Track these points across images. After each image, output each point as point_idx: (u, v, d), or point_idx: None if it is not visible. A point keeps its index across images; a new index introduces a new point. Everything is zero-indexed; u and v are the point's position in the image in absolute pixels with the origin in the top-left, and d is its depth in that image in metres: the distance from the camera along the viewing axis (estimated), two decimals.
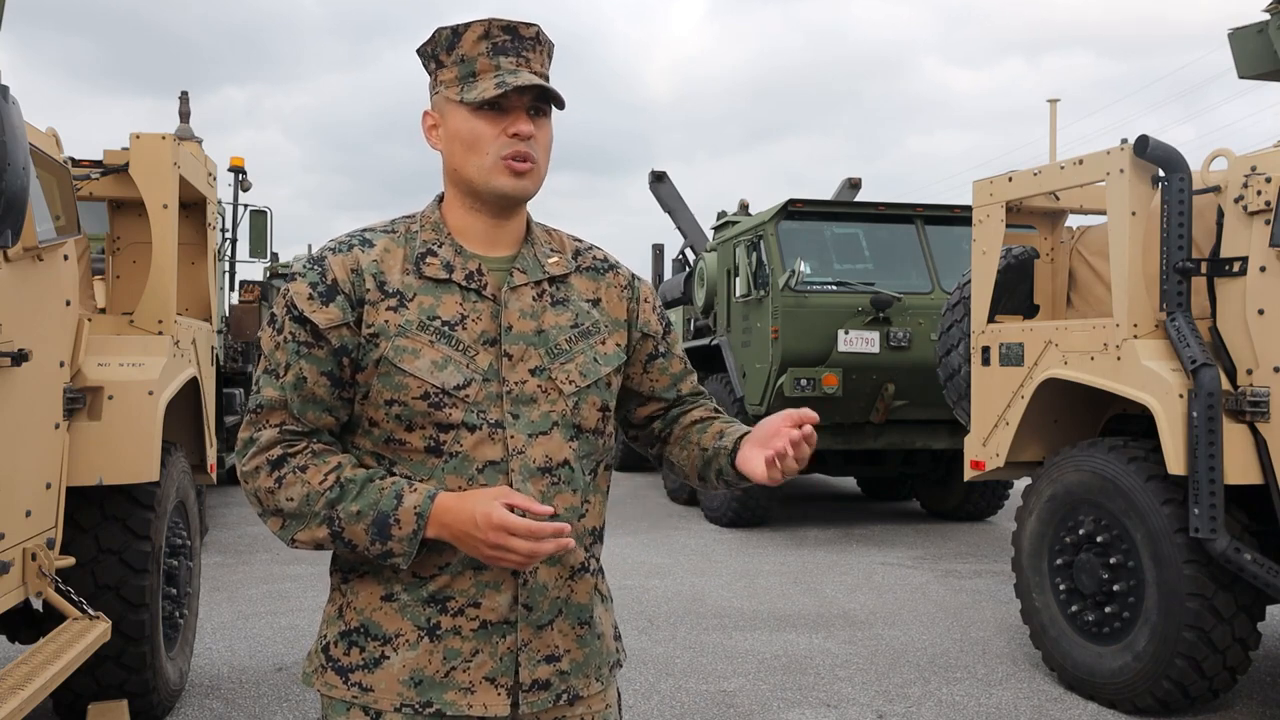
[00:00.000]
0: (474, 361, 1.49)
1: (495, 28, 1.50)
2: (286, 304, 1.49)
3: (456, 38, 1.51)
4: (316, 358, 1.48)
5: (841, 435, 8.37)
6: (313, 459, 1.47)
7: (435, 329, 1.49)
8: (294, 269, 1.57)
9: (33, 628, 3.62)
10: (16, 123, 2.50)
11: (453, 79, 1.51)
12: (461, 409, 1.48)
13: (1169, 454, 4.04)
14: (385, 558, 1.45)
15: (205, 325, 4.83)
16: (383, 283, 1.50)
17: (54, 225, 3.44)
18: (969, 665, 4.93)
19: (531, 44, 1.52)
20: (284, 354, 1.48)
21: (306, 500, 1.44)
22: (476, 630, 1.50)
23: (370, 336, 1.48)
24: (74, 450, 3.55)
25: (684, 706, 4.34)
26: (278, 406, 1.48)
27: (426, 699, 1.49)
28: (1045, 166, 5.07)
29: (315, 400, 1.49)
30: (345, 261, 1.50)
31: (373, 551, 1.45)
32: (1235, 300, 4.09)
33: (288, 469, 1.46)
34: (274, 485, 1.46)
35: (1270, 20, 5.14)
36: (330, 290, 1.48)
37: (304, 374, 1.47)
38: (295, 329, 1.48)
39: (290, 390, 1.48)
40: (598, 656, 1.61)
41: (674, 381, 1.73)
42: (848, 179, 11.66)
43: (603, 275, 1.66)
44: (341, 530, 1.44)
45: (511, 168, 1.50)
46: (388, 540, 1.43)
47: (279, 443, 1.47)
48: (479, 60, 1.49)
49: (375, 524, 1.43)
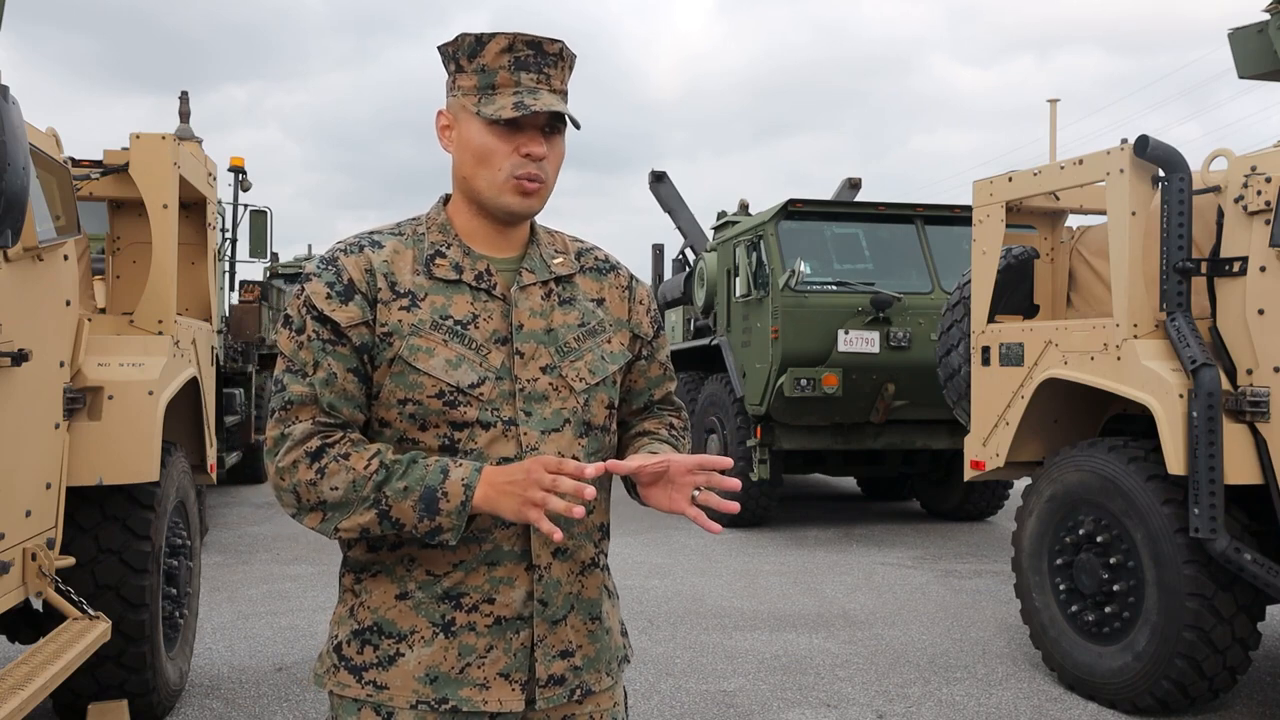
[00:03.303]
0: (487, 360, 1.50)
1: (520, 42, 1.49)
2: (304, 304, 1.49)
3: (480, 46, 1.50)
4: (342, 355, 1.48)
5: (841, 435, 8.38)
6: (353, 447, 1.46)
7: (448, 328, 1.50)
8: (307, 270, 1.57)
9: (33, 628, 3.62)
10: (16, 123, 2.51)
11: (471, 87, 1.51)
12: (476, 407, 1.49)
13: (1169, 454, 4.04)
14: (434, 534, 1.43)
15: (205, 325, 4.83)
16: (394, 283, 1.51)
17: (54, 225, 3.44)
18: (969, 665, 4.94)
19: (554, 60, 1.52)
20: (309, 353, 1.48)
21: (353, 486, 1.43)
22: (491, 626, 1.51)
23: (384, 336, 1.49)
24: (74, 450, 3.55)
25: (684, 706, 4.34)
26: (308, 402, 1.47)
27: (442, 695, 1.49)
28: (1045, 166, 5.07)
29: (348, 396, 1.49)
30: (359, 262, 1.51)
31: (421, 529, 1.43)
32: (1235, 300, 4.09)
33: (329, 458, 1.44)
34: (316, 477, 1.44)
35: (1270, 20, 5.14)
36: (348, 289, 1.49)
37: (334, 370, 1.47)
38: (318, 328, 1.48)
39: (321, 386, 1.47)
40: (608, 652, 1.62)
41: (649, 385, 1.73)
42: (848, 179, 11.67)
43: (605, 275, 1.67)
44: (389, 509, 1.43)
45: (521, 187, 1.50)
46: (435, 515, 1.42)
47: (315, 434, 1.46)
48: (499, 73, 1.49)
49: (423, 499, 1.42)
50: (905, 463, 9.28)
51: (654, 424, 1.72)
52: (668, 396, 1.77)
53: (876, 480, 10.87)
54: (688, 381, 10.10)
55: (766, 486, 8.56)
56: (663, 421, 1.73)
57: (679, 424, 1.75)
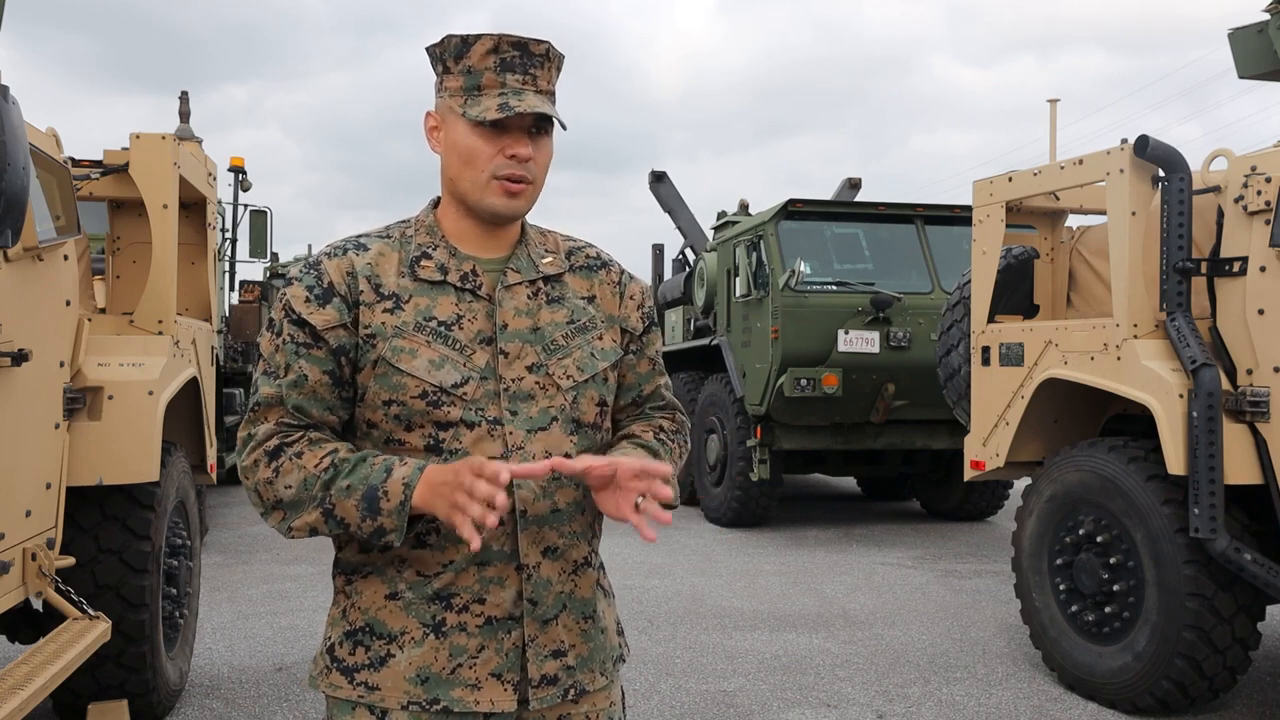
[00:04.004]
0: (471, 360, 1.51)
1: (505, 43, 1.50)
2: (284, 308, 1.51)
3: (466, 47, 1.51)
4: (316, 358, 1.49)
5: (841, 435, 8.38)
6: (309, 446, 1.47)
7: (431, 329, 1.51)
8: (289, 274, 1.58)
9: (33, 628, 3.62)
10: (16, 123, 2.51)
11: (457, 88, 1.51)
12: (460, 407, 1.49)
13: (1169, 454, 4.04)
14: (378, 535, 1.43)
15: (205, 325, 4.83)
16: (378, 285, 1.52)
17: (54, 225, 3.44)
18: (969, 665, 4.94)
19: (541, 61, 1.52)
20: (283, 355, 1.50)
21: (304, 485, 1.45)
22: (482, 626, 1.51)
23: (367, 338, 1.50)
24: (74, 450, 3.55)
25: (684, 706, 4.34)
26: (274, 403, 1.50)
27: (433, 696, 1.50)
28: (1045, 166, 5.07)
29: (318, 398, 1.50)
30: (340, 265, 1.52)
31: (365, 530, 1.43)
32: (1235, 300, 4.09)
33: (284, 457, 1.46)
34: (272, 475, 1.46)
35: (1270, 20, 5.14)
36: (326, 293, 1.50)
37: (305, 373, 1.49)
38: (294, 331, 1.50)
39: (289, 388, 1.49)
40: (602, 651, 1.62)
41: (638, 380, 1.70)
42: (848, 179, 11.67)
43: (596, 273, 1.67)
44: (333, 508, 1.44)
45: (506, 189, 1.51)
46: (378, 515, 1.42)
47: (276, 434, 1.49)
48: (485, 75, 1.50)
49: (365, 498, 1.42)
50: (905, 463, 9.28)
51: (641, 426, 1.70)
52: (658, 393, 1.74)
53: (876, 480, 10.87)
54: (688, 381, 10.10)
55: (766, 486, 8.56)
56: (651, 424, 1.71)
57: (669, 426, 1.73)
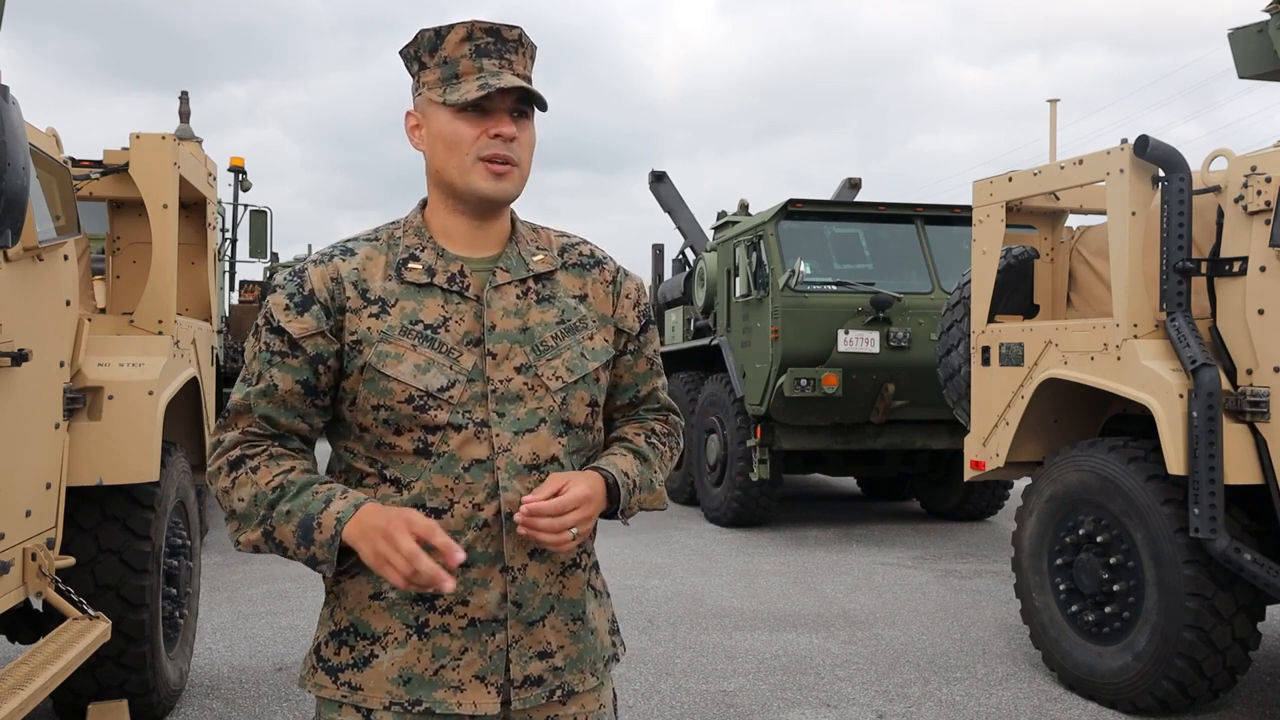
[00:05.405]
0: (457, 363, 1.50)
1: (478, 30, 1.51)
2: (265, 315, 1.52)
3: (439, 39, 1.51)
4: (291, 366, 1.49)
5: (841, 435, 8.38)
6: (267, 461, 1.48)
7: (417, 333, 1.50)
8: (275, 281, 1.60)
9: (33, 628, 3.62)
10: (16, 123, 2.51)
11: (435, 80, 1.52)
12: (446, 410, 1.49)
13: (1169, 454, 4.04)
14: (311, 563, 1.45)
15: (205, 325, 4.83)
16: (364, 290, 1.52)
17: (54, 225, 3.44)
18: (969, 665, 4.94)
19: (514, 46, 1.53)
20: (258, 363, 1.51)
21: (254, 500, 1.46)
22: (465, 628, 1.51)
23: (354, 343, 1.50)
24: (74, 450, 3.55)
25: (684, 706, 4.34)
26: (244, 411, 1.51)
27: (415, 697, 1.50)
28: (1045, 166, 5.07)
29: (287, 407, 1.51)
30: (325, 272, 1.52)
31: (300, 556, 1.45)
32: (1235, 300, 4.09)
33: (243, 469, 1.48)
34: (229, 485, 1.48)
35: (1270, 20, 5.14)
36: (306, 300, 1.50)
37: (275, 381, 1.49)
38: (271, 339, 1.50)
39: (258, 396, 1.50)
40: (592, 652, 1.61)
41: (635, 381, 1.70)
42: (848, 179, 11.67)
43: (589, 271, 1.65)
44: (273, 530, 1.45)
45: (491, 169, 1.50)
46: (310, 545, 1.43)
47: (241, 442, 1.50)
48: (462, 62, 1.50)
49: (301, 525, 1.43)
50: (905, 463, 9.28)
51: (634, 429, 1.70)
52: (654, 394, 1.74)
53: (876, 480, 10.87)
54: (688, 381, 10.10)
55: (766, 486, 8.56)
56: (644, 426, 1.71)
57: (661, 429, 1.72)
